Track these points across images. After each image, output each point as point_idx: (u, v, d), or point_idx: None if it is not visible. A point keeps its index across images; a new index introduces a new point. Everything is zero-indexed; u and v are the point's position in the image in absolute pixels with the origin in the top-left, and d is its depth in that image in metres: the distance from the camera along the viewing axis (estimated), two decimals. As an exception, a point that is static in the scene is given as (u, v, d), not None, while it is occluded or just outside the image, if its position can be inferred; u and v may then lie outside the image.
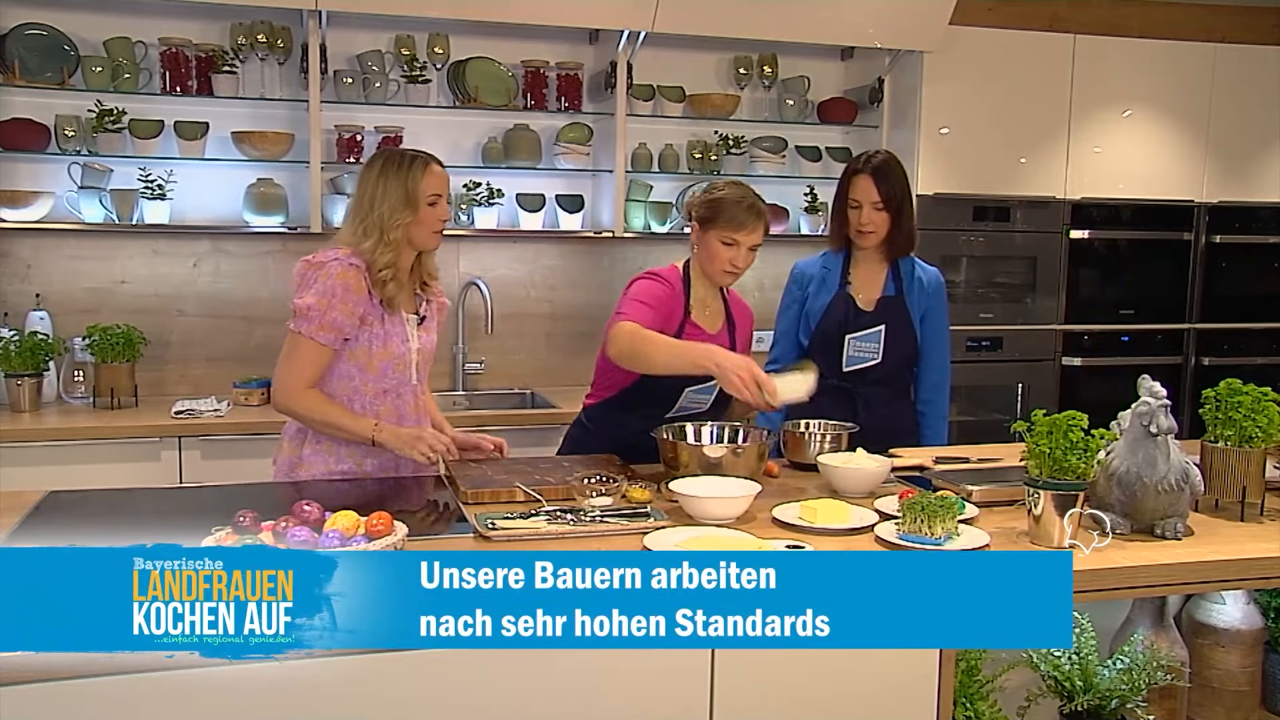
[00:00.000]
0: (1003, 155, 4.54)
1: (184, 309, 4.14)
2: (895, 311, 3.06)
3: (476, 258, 4.41)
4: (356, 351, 2.58)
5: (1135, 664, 2.15)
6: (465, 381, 4.39)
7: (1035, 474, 2.11)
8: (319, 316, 2.50)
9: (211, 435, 3.61)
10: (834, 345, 3.04)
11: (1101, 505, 2.22)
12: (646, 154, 4.46)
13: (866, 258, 3.10)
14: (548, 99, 4.34)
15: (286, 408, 2.58)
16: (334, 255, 2.55)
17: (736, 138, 4.56)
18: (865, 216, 3.02)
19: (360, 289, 2.53)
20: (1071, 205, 4.63)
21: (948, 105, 4.43)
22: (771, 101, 4.64)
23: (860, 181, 3.03)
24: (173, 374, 4.12)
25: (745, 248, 2.73)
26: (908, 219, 3.07)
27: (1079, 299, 4.70)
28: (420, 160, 2.61)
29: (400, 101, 4.17)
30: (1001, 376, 4.63)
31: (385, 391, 2.63)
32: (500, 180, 4.30)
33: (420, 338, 2.68)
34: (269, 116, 4.09)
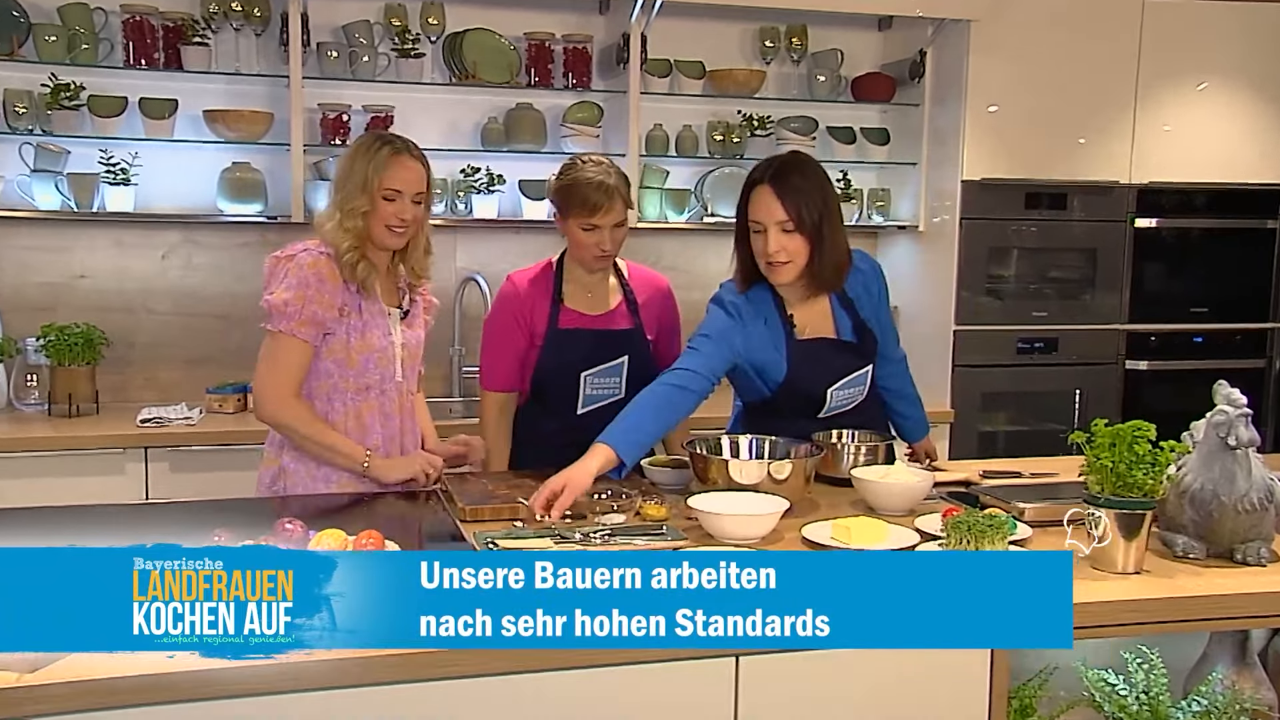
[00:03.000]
0: (1059, 135, 4.48)
1: (151, 306, 4.13)
2: (866, 340, 2.79)
3: (475, 250, 4.40)
4: (334, 345, 2.60)
5: (1214, 706, 2.11)
6: (462, 386, 4.38)
7: (1096, 491, 2.11)
8: (297, 311, 2.52)
9: (182, 446, 3.60)
10: (810, 397, 2.75)
11: (1172, 526, 2.22)
12: (662, 136, 4.44)
13: (795, 289, 2.71)
14: (553, 75, 4.34)
15: (273, 418, 2.59)
16: (302, 247, 2.61)
17: (762, 118, 4.55)
18: (774, 242, 2.59)
19: (334, 277, 2.57)
20: (1137, 191, 4.59)
21: (997, 80, 4.38)
22: (801, 77, 4.63)
23: (759, 196, 2.62)
24: (138, 378, 4.11)
25: (608, 229, 2.81)
26: (833, 240, 2.63)
27: (1145, 295, 4.66)
28: (390, 148, 2.62)
29: (391, 78, 4.16)
30: (1057, 382, 4.59)
31: (367, 388, 2.64)
32: (501, 165, 4.29)
33: (404, 333, 2.71)
34: (245, 94, 4.07)
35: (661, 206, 4.45)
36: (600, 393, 2.91)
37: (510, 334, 2.91)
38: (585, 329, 2.91)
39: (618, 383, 2.92)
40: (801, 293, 2.73)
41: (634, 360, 2.93)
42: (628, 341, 2.94)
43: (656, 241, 4.52)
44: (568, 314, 2.91)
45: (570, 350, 2.90)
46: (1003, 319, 4.49)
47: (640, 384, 2.81)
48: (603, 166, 2.83)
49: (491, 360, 2.96)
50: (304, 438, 2.58)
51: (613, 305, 2.96)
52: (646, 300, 3.00)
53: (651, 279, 3.06)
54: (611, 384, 2.92)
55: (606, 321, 2.94)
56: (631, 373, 2.91)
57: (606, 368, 2.91)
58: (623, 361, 2.92)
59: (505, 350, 2.93)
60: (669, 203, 4.46)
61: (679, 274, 4.49)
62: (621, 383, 2.92)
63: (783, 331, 2.72)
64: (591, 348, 2.91)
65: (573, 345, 2.90)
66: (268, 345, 2.57)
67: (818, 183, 2.64)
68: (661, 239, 4.53)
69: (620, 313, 2.96)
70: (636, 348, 2.94)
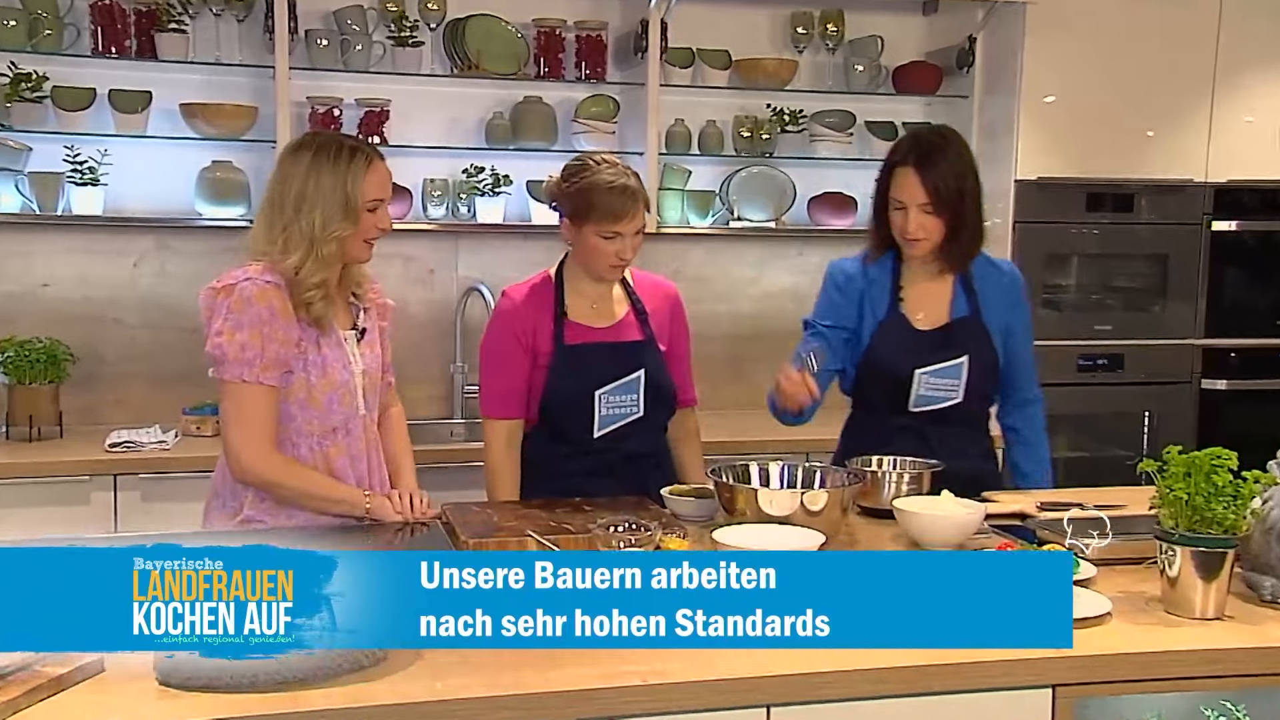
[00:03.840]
0: (1125, 129, 4.48)
1: (121, 318, 4.13)
2: (974, 335, 2.96)
3: (478, 258, 4.40)
4: (295, 386, 2.56)
5: (1305, 771, 2.07)
6: (465, 407, 4.37)
7: (1169, 526, 2.10)
8: (257, 355, 2.48)
9: (155, 473, 3.60)
10: (894, 382, 2.94)
11: (1257, 567, 2.19)
12: (684, 133, 4.45)
13: (922, 266, 2.97)
14: (565, 66, 4.34)
15: (257, 479, 2.54)
16: (244, 275, 2.51)
17: (793, 112, 4.55)
18: (913, 222, 2.86)
19: (288, 311, 2.52)
20: (1214, 190, 4.57)
21: (1055, 68, 4.38)
22: (837, 67, 4.63)
23: (902, 177, 2.87)
24: (107, 398, 4.11)
25: (630, 236, 2.81)
26: (971, 220, 2.90)
27: (1223, 307, 4.65)
28: (362, 154, 2.57)
29: (386, 68, 4.18)
30: (1123, 403, 4.59)
31: (334, 430, 2.62)
32: (507, 164, 4.30)
33: (364, 357, 2.68)
34: (226, 85, 4.08)
35: (683, 210, 4.45)
36: (617, 412, 2.89)
37: (512, 355, 2.89)
38: (594, 343, 2.90)
39: (635, 400, 2.90)
40: (927, 270, 2.95)
41: (650, 374, 2.91)
42: (641, 354, 2.93)
43: (678, 249, 4.52)
44: (573, 328, 2.90)
45: (580, 367, 2.88)
46: (1062, 333, 4.46)
47: (658, 400, 2.93)
48: (618, 168, 2.83)
49: (493, 385, 2.93)
50: (298, 493, 2.54)
51: (620, 316, 2.96)
52: (655, 309, 3.00)
53: (659, 286, 3.07)
54: (628, 402, 2.90)
55: (616, 334, 2.93)
56: (648, 388, 2.90)
57: (622, 384, 2.89)
58: (638, 376, 2.90)
59: (508, 373, 2.90)
60: (691, 206, 4.46)
61: (703, 285, 4.51)
62: (639, 399, 2.90)
63: (885, 306, 2.96)
64: (603, 363, 2.89)
65: (583, 362, 2.88)
66: (231, 398, 2.51)
67: (962, 164, 2.88)
68: (683, 246, 4.54)
69: (629, 323, 2.95)
70: (651, 360, 2.93)
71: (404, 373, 4.18)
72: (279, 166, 2.60)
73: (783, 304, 4.59)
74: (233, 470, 2.55)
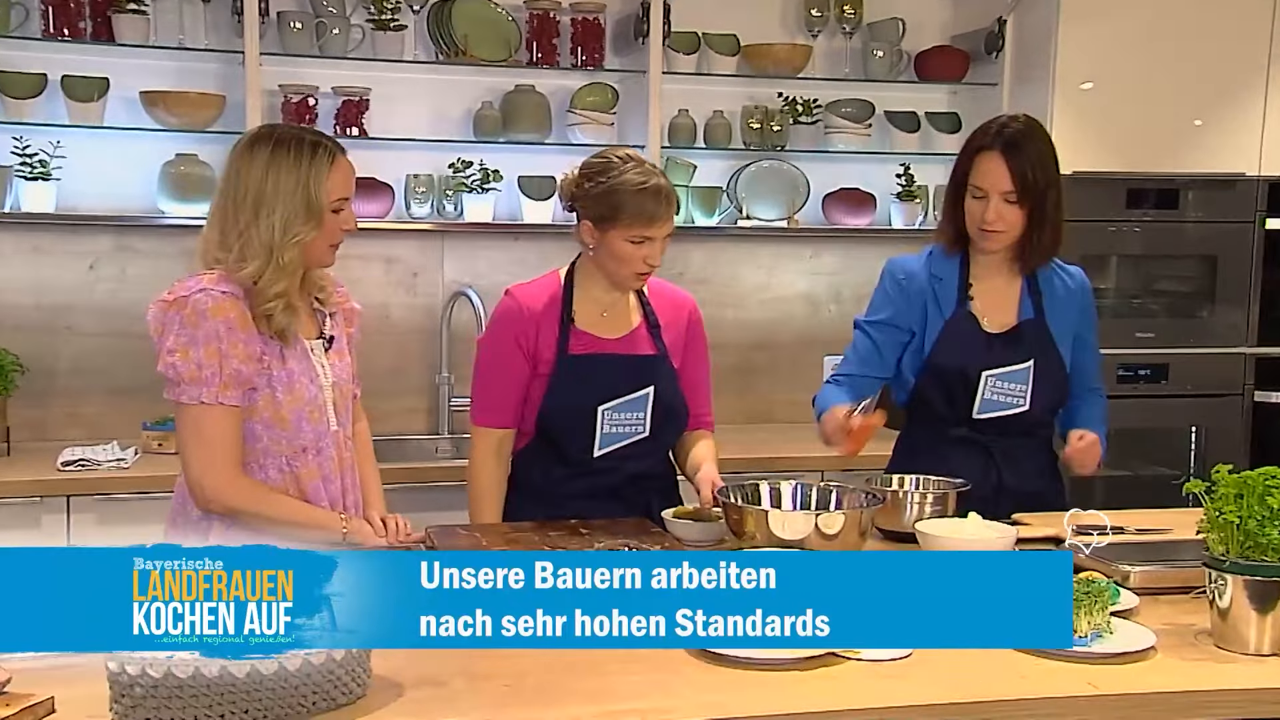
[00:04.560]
0: (1169, 118, 4.47)
1: (76, 325, 4.13)
2: (1040, 340, 3.00)
3: (466, 260, 4.41)
4: (260, 404, 2.54)
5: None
6: (452, 422, 4.37)
7: (1219, 553, 2.10)
8: (215, 374, 2.46)
9: (113, 494, 3.59)
10: (960, 384, 2.97)
11: None
12: (688, 124, 4.45)
13: (992, 263, 3.01)
14: (559, 52, 4.35)
15: (225, 507, 2.52)
16: (197, 286, 2.48)
17: (807, 102, 4.56)
18: (993, 211, 2.89)
19: (248, 323, 2.49)
20: (1268, 184, 4.54)
21: (1093, 52, 4.36)
22: (854, 53, 4.64)
23: (986, 162, 2.89)
24: (59, 412, 4.11)
25: (660, 241, 2.81)
26: (1052, 216, 2.94)
27: (1277, 312, 4.63)
28: (324, 150, 2.54)
29: (365, 54, 4.18)
30: (1168, 417, 4.57)
31: (303, 450, 2.60)
32: (497, 159, 4.30)
33: (334, 367, 2.66)
34: (191, 72, 4.08)
35: (688, 208, 4.45)
36: (620, 431, 2.89)
37: (511, 359, 2.89)
38: (602, 354, 2.89)
39: (641, 419, 2.90)
40: (998, 268, 3.00)
41: (659, 392, 2.91)
42: (652, 370, 2.92)
43: (681, 250, 4.51)
44: (580, 337, 2.89)
45: (584, 380, 2.87)
46: (1100, 341, 4.33)
47: (666, 420, 2.92)
48: (645, 166, 2.82)
49: (486, 390, 2.93)
50: (269, 520, 2.50)
51: (632, 327, 2.95)
52: (670, 322, 2.99)
53: (675, 296, 3.06)
54: (633, 420, 2.89)
55: (626, 346, 2.92)
56: (656, 407, 2.90)
57: (627, 401, 2.88)
58: (647, 393, 2.89)
59: (504, 378, 2.90)
60: (696, 203, 4.48)
61: (708, 289, 4.53)
62: (645, 419, 2.90)
63: (953, 303, 2.99)
64: (609, 377, 2.88)
65: (587, 374, 2.87)
66: (190, 421, 2.48)
67: (1049, 155, 2.92)
68: (687, 246, 4.54)
69: (641, 336, 2.95)
70: (662, 377, 2.92)
71: (385, 384, 4.22)
72: (232, 164, 2.56)
73: (795, 310, 4.59)
74: (196, 500, 2.52)
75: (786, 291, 4.66)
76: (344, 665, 1.79)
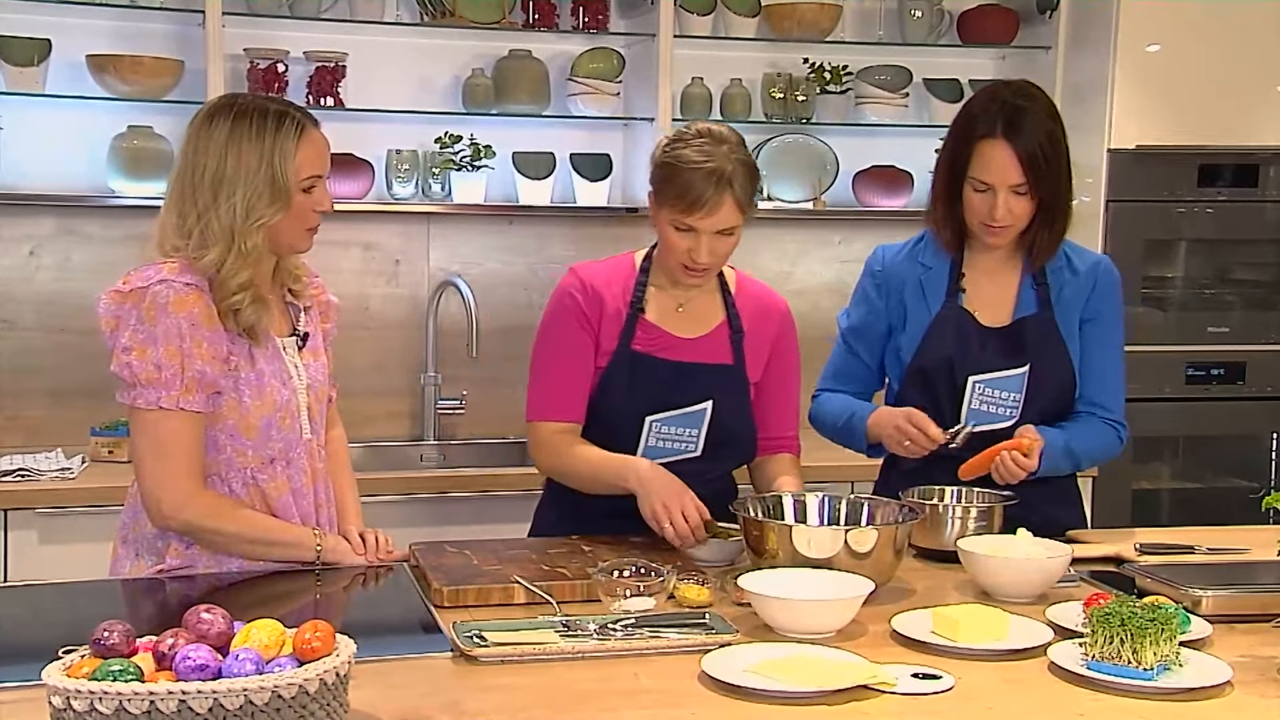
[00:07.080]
0: (1246, 85, 4.46)
1: (14, 319, 4.13)
2: (1044, 338, 2.92)
3: (454, 246, 4.43)
4: (225, 409, 2.55)
5: None
6: (439, 427, 4.40)
7: None
8: (176, 375, 2.46)
9: (56, 507, 3.60)
10: (947, 389, 2.90)
11: None
12: (703, 94, 4.47)
13: (987, 250, 2.94)
14: (559, 13, 4.35)
15: (183, 524, 2.52)
16: (157, 276, 2.48)
17: (836, 69, 4.57)
18: (1002, 208, 2.80)
19: (212, 319, 2.49)
20: None
21: (1159, 11, 4.37)
22: (889, 13, 4.67)
23: (990, 150, 2.79)
24: (-4, 416, 4.04)
25: (707, 235, 2.73)
26: (1063, 203, 2.86)
27: None
28: (291, 121, 2.54)
29: (341, 15, 4.20)
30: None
31: (271, 460, 2.61)
32: (489, 133, 4.31)
33: (308, 367, 2.67)
34: (145, 34, 4.08)
35: (702, 187, 4.42)
36: (667, 446, 2.85)
37: (578, 341, 2.85)
38: (665, 358, 2.85)
39: (694, 436, 2.86)
40: (992, 254, 2.94)
41: (721, 408, 2.86)
42: (715, 382, 2.87)
43: (696, 234, 4.49)
44: (648, 330, 2.86)
45: (639, 382, 2.84)
46: (1167, 337, 4.49)
47: (725, 443, 2.87)
48: (719, 149, 2.72)
49: (550, 380, 2.88)
50: (234, 538, 2.53)
51: (711, 328, 2.91)
52: (756, 328, 2.94)
53: (765, 299, 3.00)
54: (685, 437, 2.86)
55: (698, 349, 2.88)
56: (715, 425, 2.84)
57: (682, 414, 2.84)
58: (704, 409, 2.84)
59: (571, 364, 2.86)
60: (712, 182, 4.43)
61: None
62: (699, 437, 2.86)
63: (941, 296, 2.93)
64: (666, 382, 2.84)
65: (641, 377, 2.84)
66: (146, 428, 2.48)
67: (1052, 124, 2.83)
68: (703, 230, 4.50)
69: (720, 339, 2.90)
70: (729, 391, 2.88)
71: (364, 384, 4.22)
72: (190, 139, 2.55)
73: (821, 303, 4.57)
74: (151, 516, 2.52)
75: (812, 281, 4.66)
76: (317, 699, 1.76)
